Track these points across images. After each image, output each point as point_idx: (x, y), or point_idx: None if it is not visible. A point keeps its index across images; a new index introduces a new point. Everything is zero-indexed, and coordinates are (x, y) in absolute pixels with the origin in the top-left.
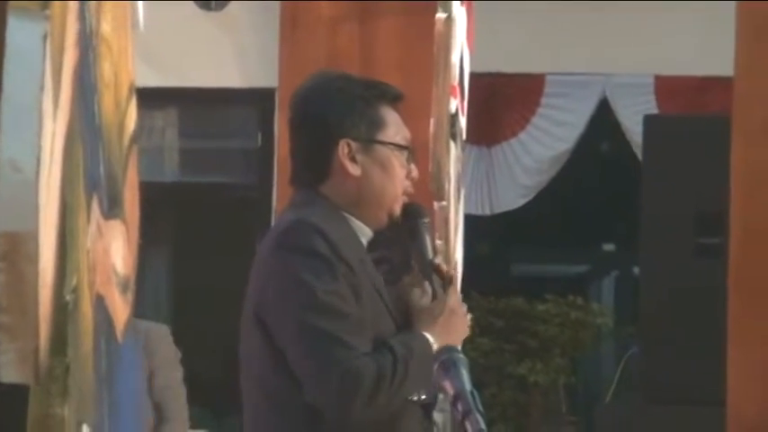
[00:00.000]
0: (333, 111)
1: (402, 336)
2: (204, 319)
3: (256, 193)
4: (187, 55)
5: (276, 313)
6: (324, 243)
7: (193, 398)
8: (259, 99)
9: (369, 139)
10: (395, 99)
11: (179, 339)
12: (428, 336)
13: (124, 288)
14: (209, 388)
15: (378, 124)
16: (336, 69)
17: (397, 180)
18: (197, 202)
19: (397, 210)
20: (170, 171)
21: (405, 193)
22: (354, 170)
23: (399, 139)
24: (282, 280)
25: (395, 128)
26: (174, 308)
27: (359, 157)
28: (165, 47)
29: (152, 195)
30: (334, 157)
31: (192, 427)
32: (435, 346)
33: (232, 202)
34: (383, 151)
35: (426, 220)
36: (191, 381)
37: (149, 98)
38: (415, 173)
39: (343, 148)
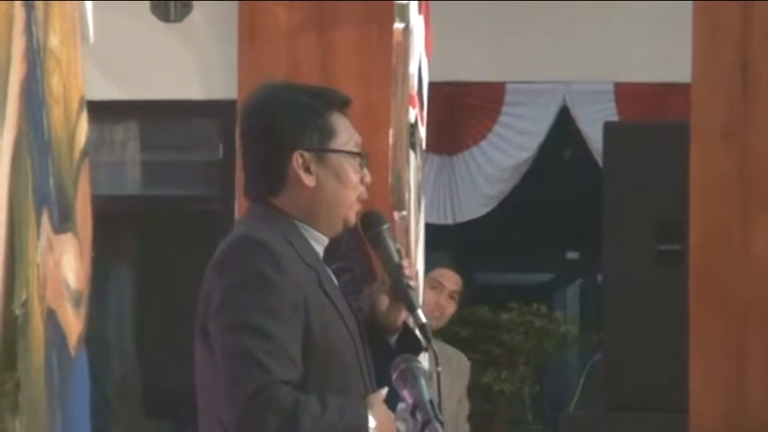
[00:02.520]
0: (284, 123)
1: (345, 400)
2: (166, 332)
3: (219, 205)
4: (147, 67)
5: (213, 330)
6: (266, 259)
7: (155, 410)
8: (220, 111)
9: (321, 149)
10: (343, 105)
11: (141, 352)
12: (371, 416)
13: (77, 302)
14: (171, 400)
15: (329, 133)
16: (283, 80)
17: (352, 187)
18: (159, 215)
19: (352, 217)
20: (131, 184)
21: (359, 198)
22: (310, 181)
23: (352, 146)
24: (219, 297)
25: (346, 135)
26: (137, 321)
27: (313, 167)
28: (124, 60)
29: (114, 209)
30: (289, 169)
31: None
32: (371, 426)
33: (194, 215)
34: (336, 159)
35: (387, 225)
36: (153, 393)
37: (109, 112)
38: (368, 178)
39: (297, 159)
